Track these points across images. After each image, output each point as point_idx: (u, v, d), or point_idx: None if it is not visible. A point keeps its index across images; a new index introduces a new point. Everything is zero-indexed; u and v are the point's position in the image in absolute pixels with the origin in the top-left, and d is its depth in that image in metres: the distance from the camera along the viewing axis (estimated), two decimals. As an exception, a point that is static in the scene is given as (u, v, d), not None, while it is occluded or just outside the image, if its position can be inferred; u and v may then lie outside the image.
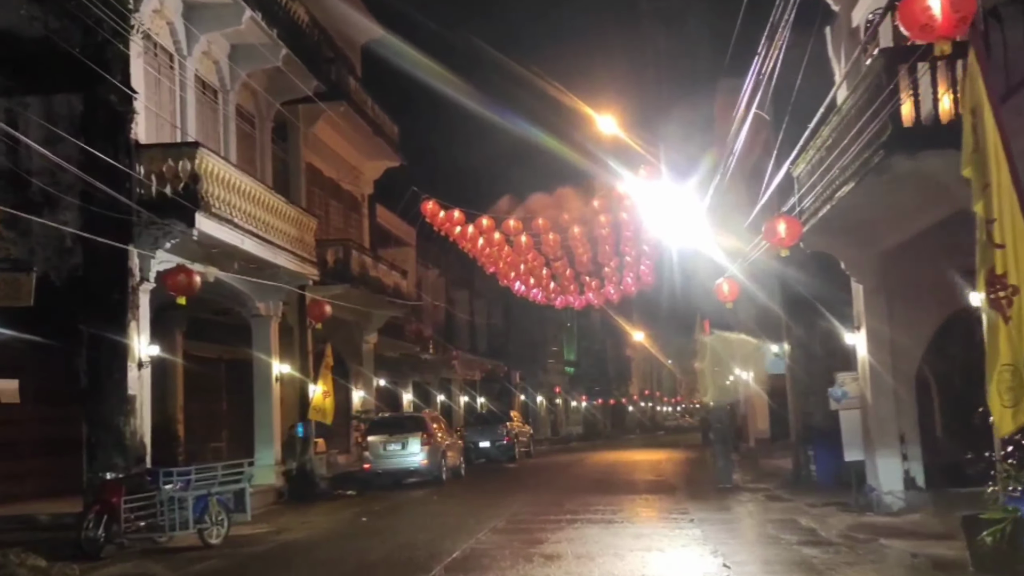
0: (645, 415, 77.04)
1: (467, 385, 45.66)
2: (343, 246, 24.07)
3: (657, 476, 25.22)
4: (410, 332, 29.52)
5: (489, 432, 36.19)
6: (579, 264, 27.70)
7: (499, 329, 50.77)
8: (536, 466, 32.77)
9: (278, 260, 19.82)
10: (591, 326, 68.88)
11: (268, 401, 21.59)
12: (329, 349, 23.69)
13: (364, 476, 24.29)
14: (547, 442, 51.29)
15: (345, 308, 25.68)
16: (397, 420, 25.12)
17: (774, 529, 13.74)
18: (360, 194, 29.02)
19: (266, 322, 21.61)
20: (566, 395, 61.97)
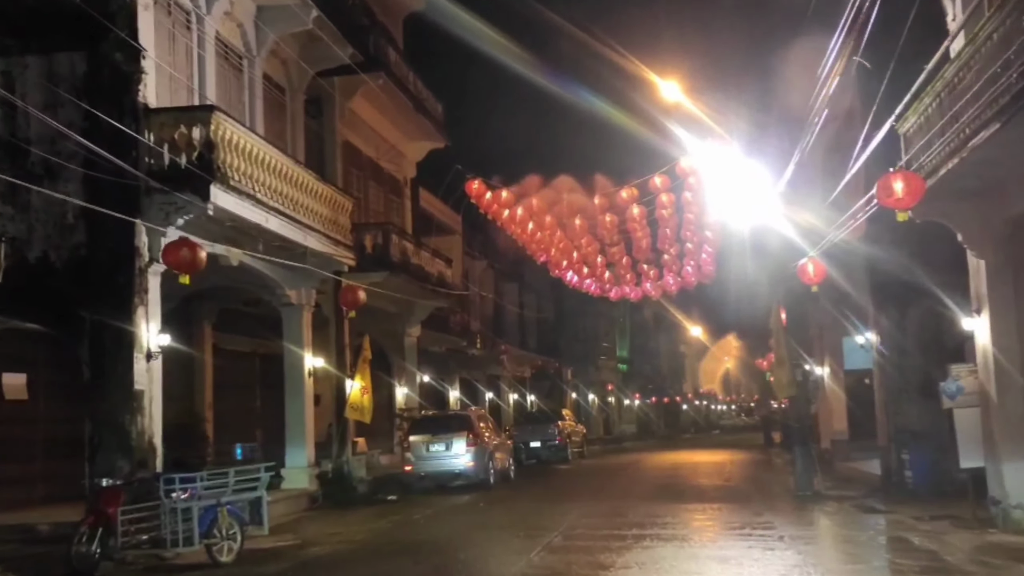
0: (699, 414, 74.36)
1: (516, 382, 43.59)
2: (382, 230, 22.10)
3: (725, 481, 22.89)
4: (455, 324, 27.46)
5: (540, 432, 34.08)
6: (637, 251, 25.40)
7: (550, 324, 48.61)
8: (590, 468, 30.56)
9: (308, 242, 17.86)
10: (643, 321, 66.44)
11: (300, 397, 19.68)
12: (367, 341, 21.72)
13: (406, 479, 22.28)
14: (600, 442, 49.04)
15: (385, 298, 23.71)
16: (441, 419, 23.09)
17: (886, 551, 11.43)
18: (402, 177, 27.04)
19: (298, 311, 19.69)
20: (619, 393, 59.60)
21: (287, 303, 19.56)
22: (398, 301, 25.11)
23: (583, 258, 26.79)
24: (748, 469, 27.54)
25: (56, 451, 17.41)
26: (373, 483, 22.44)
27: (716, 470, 27.23)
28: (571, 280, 29.93)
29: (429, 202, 29.47)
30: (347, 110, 22.29)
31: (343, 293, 18.36)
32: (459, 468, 21.96)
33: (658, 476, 24.60)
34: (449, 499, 20.32)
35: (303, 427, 19.58)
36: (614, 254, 25.38)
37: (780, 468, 27.11)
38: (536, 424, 34.72)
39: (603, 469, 29.10)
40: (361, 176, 24.08)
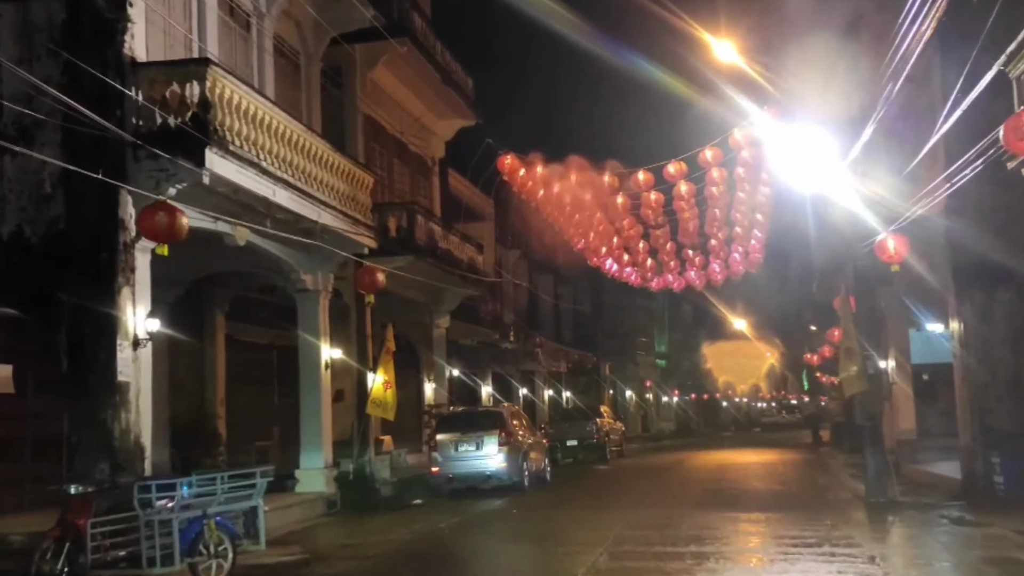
0: (739, 411, 71.94)
1: (552, 378, 41.63)
2: (407, 210, 20.22)
3: (781, 485, 20.79)
4: (486, 315, 25.53)
5: (577, 430, 32.12)
6: (683, 234, 23.34)
7: (586, 318, 46.57)
8: (631, 469, 28.53)
9: (323, 220, 16.01)
10: (682, 315, 64.20)
11: (316, 392, 17.86)
12: (391, 331, 19.84)
13: (433, 481, 20.40)
14: (638, 440, 46.96)
15: (411, 285, 21.85)
16: (471, 416, 21.17)
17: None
18: (430, 157, 25.16)
19: (314, 298, 17.87)
20: (657, 389, 57.41)
21: (302, 288, 17.75)
22: (425, 289, 23.24)
23: (624, 243, 24.79)
24: (802, 471, 25.39)
25: (47, 450, 15.64)
26: (398, 485, 20.62)
27: (767, 472, 25.11)
28: (610, 269, 27.95)
29: (459, 185, 27.56)
30: (369, 81, 20.44)
31: (360, 275, 16.45)
32: (490, 470, 20.04)
33: (706, 479, 22.51)
34: (479, 504, 18.41)
35: (319, 425, 17.76)
36: (658, 238, 23.33)
37: (836, 469, 24.95)
38: (573, 422, 32.77)
39: (645, 470, 27.05)
40: (384, 154, 22.23)
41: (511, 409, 21.78)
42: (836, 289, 27.46)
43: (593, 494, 20.09)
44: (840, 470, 24.50)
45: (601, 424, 32.68)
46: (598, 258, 27.16)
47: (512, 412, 21.51)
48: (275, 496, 16.95)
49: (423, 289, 23.35)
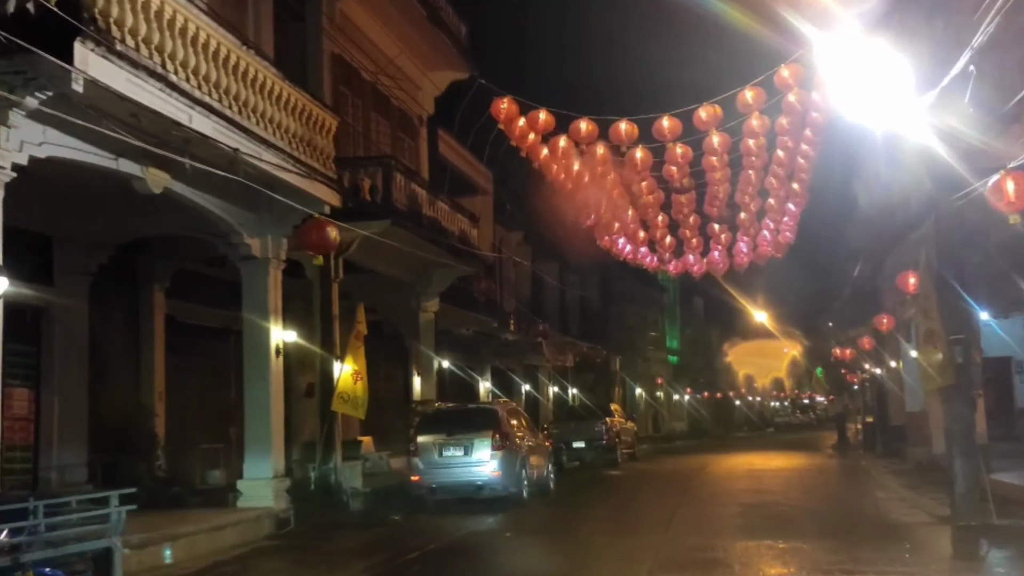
0: (753, 411, 68.16)
1: (557, 373, 37.97)
2: (382, 166, 16.58)
3: (831, 500, 17.19)
4: (479, 292, 21.78)
5: (585, 430, 28.50)
6: (711, 201, 19.67)
7: (594, 311, 42.84)
8: (646, 475, 24.87)
9: (265, 163, 12.40)
10: (694, 310, 60.49)
11: (263, 384, 14.28)
12: (361, 312, 16.28)
13: (414, 490, 16.81)
14: (649, 441, 43.26)
15: (391, 259, 18.31)
16: (459, 414, 17.52)
17: None
18: (417, 115, 21.53)
19: (261, 267, 14.29)
20: (669, 387, 53.67)
21: (247, 255, 14.16)
22: (409, 266, 19.64)
23: (641, 215, 21.12)
24: (845, 480, 21.80)
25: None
26: (372, 496, 17.02)
27: (806, 481, 21.48)
28: (622, 250, 24.30)
29: (452, 151, 23.89)
30: (338, 11, 16.82)
31: (306, 231, 12.70)
32: (482, 479, 16.42)
33: (739, 490, 18.80)
34: (466, 522, 14.78)
35: (267, 424, 14.15)
36: (681, 207, 19.62)
37: (881, 478, 21.35)
38: (580, 421, 29.14)
39: (663, 477, 23.36)
40: (359, 104, 18.61)
41: (508, 406, 18.13)
42: (888, 268, 23.81)
43: (607, 510, 16.43)
44: (886, 479, 20.83)
45: (611, 424, 29.04)
46: (609, 237, 23.52)
47: (509, 410, 17.88)
48: (211, 513, 13.40)
49: (407, 266, 19.76)
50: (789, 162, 18.35)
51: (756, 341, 55.62)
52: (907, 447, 26.99)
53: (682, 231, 22.18)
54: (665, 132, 15.81)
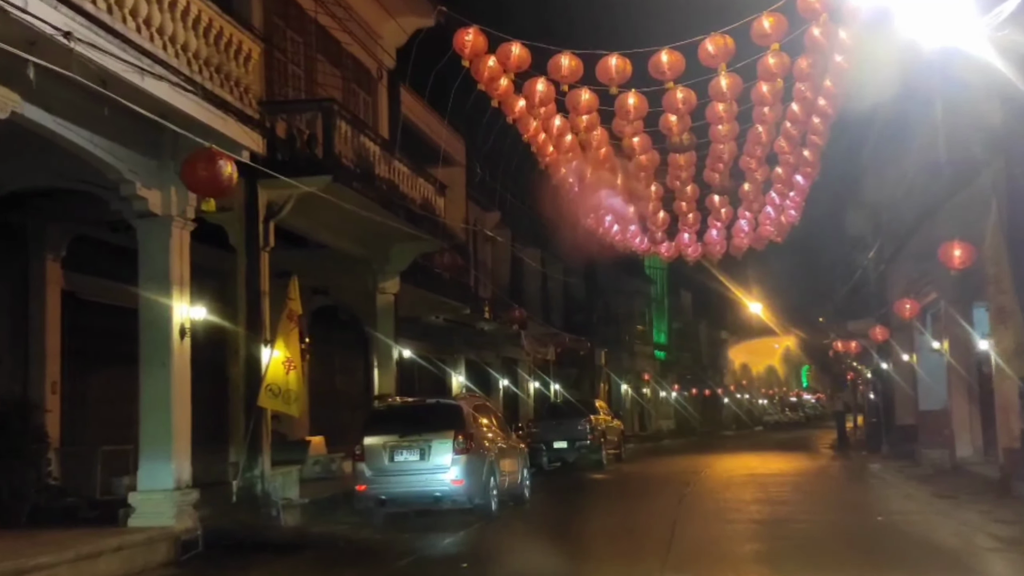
0: (742, 409, 65.43)
1: (538, 368, 35.07)
2: (322, 111, 13.58)
3: (861, 512, 14.28)
4: (443, 267, 18.65)
5: (568, 429, 25.66)
6: (713, 163, 16.87)
7: (578, 303, 39.88)
8: (635, 479, 22.05)
9: (148, 85, 9.43)
10: (682, 303, 57.70)
11: (162, 373, 11.33)
12: (294, 286, 13.34)
13: (360, 501, 13.88)
14: (635, 440, 40.42)
15: (339, 230, 15.41)
16: (415, 411, 14.52)
17: None
18: (375, 67, 18.54)
19: (161, 227, 11.35)
20: (655, 384, 50.82)
21: (144, 212, 11.21)
22: (363, 238, 16.73)
23: (630, 184, 18.26)
24: (858, 485, 19.10)
25: None
26: (311, 509, 14.09)
27: (816, 487, 18.71)
28: (609, 228, 21.53)
29: (417, 112, 20.87)
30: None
31: (190, 164, 9.55)
32: (441, 489, 13.51)
33: (745, 500, 15.92)
34: (417, 544, 11.89)
35: (166, 422, 11.21)
36: (679, 170, 16.73)
37: (898, 483, 18.73)
38: (562, 419, 26.27)
39: (655, 482, 20.48)
40: (300, 44, 15.62)
41: (474, 402, 15.15)
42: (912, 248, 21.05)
43: (593, 527, 13.51)
44: (907, 486, 18.07)
45: (596, 422, 26.18)
46: (595, 213, 20.74)
47: (476, 406, 14.94)
48: (89, 535, 10.46)
49: (360, 238, 16.85)
50: (804, 118, 15.52)
51: (750, 341, 52.93)
52: (920, 449, 24.24)
53: (677, 204, 19.36)
54: (664, 69, 12.89)
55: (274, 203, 13.35)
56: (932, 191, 18.53)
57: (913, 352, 25.03)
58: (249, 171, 12.91)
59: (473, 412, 14.47)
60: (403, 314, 21.25)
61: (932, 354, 24.15)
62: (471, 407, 14.57)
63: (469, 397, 14.97)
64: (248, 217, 13.21)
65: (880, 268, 28.95)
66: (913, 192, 19.98)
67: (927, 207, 18.52)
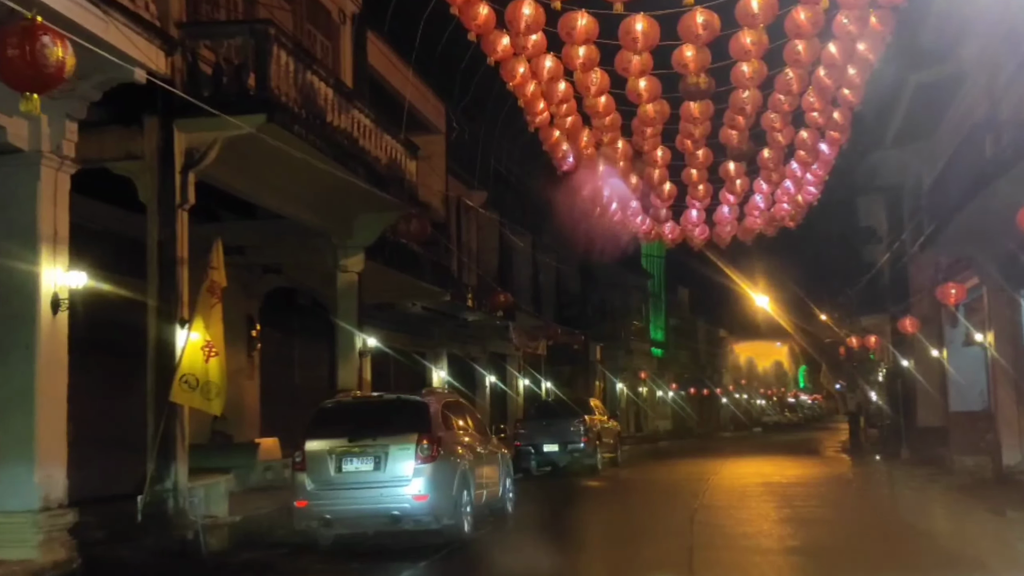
0: (739, 409, 62.74)
1: (528, 364, 32.32)
2: (253, 36, 10.74)
3: (924, 545, 11.47)
4: (406, 235, 15.79)
5: (559, 430, 22.96)
6: (733, 117, 14.16)
7: (572, 294, 37.07)
8: (635, 488, 19.35)
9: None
10: (679, 299, 54.98)
11: (24, 357, 8.55)
12: (217, 251, 10.55)
13: (300, 520, 11.09)
14: (631, 441, 37.68)
15: (281, 186, 12.65)
16: (370, 410, 11.70)
17: None
18: (338, 9, 15.72)
19: (26, 167, 8.56)
20: (652, 382, 48.05)
21: (2, 145, 8.40)
22: (317, 203, 13.96)
23: (636, 145, 15.51)
24: (901, 500, 16.26)
25: None
26: (243, 529, 11.34)
27: (849, 500, 16.03)
28: (608, 206, 18.92)
29: (387, 66, 18.02)
30: None
31: (1, 39, 6.78)
32: (401, 506, 10.76)
33: (770, 518, 13.17)
34: None
35: (29, 424, 8.44)
36: (692, 126, 13.96)
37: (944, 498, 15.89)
38: (553, 419, 23.53)
39: (658, 492, 17.74)
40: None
41: (444, 399, 12.32)
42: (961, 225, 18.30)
43: (589, 556, 10.71)
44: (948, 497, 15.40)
45: (591, 423, 23.43)
46: (592, 185, 18.11)
47: (447, 404, 12.15)
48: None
49: (315, 206, 14.09)
50: (842, 63, 12.85)
51: (751, 342, 50.31)
52: (952, 455, 21.56)
53: (687, 172, 16.59)
54: (685, 11, 10.25)
55: (195, 149, 10.59)
56: (979, 164, 15.86)
57: (943, 347, 22.36)
58: (164, 109, 10.23)
59: (443, 411, 11.69)
60: (374, 299, 18.53)
61: (966, 349, 21.51)
62: (440, 405, 11.78)
63: (439, 393, 12.21)
64: (162, 166, 10.45)
65: (901, 259, 26.28)
66: (957, 165, 17.27)
67: (977, 179, 15.81)
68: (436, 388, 12.69)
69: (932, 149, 22.47)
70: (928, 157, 23.11)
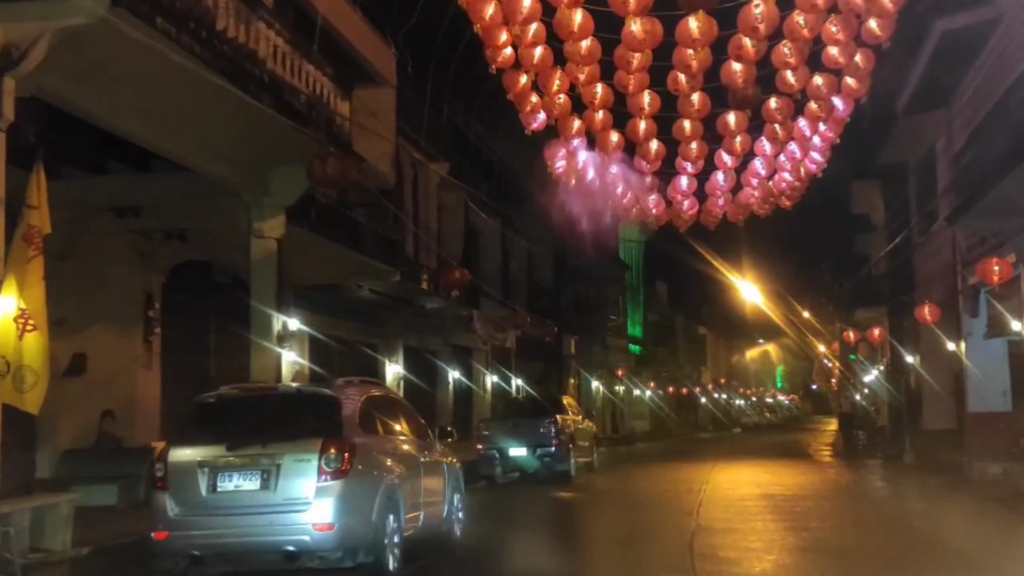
0: (718, 409, 60.03)
1: (497, 361, 29.37)
2: None
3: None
4: (323, 179, 12.66)
5: (528, 431, 20.10)
6: (745, 30, 11.20)
7: (544, 289, 34.08)
8: (614, 500, 16.45)
9: None
10: (657, 294, 52.16)
11: None
12: (36, 180, 7.48)
13: (161, 555, 8.05)
14: (607, 442, 34.85)
15: (152, 111, 9.64)
16: (257, 408, 8.64)
17: None
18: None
19: None
20: (630, 381, 45.16)
21: None
22: (218, 145, 10.92)
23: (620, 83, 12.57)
24: (930, 512, 13.41)
25: None
26: (89, 566, 8.30)
27: (873, 516, 13.18)
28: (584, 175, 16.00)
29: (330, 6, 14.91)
30: None
31: None
32: (296, 538, 7.77)
33: (790, 544, 10.27)
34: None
35: None
36: (691, 50, 11.04)
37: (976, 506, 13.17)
38: (522, 419, 20.64)
39: (643, 507, 14.80)
40: None
41: (366, 392, 9.24)
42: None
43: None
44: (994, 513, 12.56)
45: (563, 424, 20.52)
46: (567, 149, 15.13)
47: (371, 400, 9.11)
48: None
49: (218, 150, 11.06)
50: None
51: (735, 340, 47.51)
52: (971, 461, 18.87)
53: (678, 125, 13.64)
54: None
55: (13, 46, 7.56)
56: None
57: (960, 339, 19.63)
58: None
59: (363, 409, 8.69)
60: (310, 279, 15.57)
61: (987, 342, 18.82)
62: (360, 401, 8.77)
63: (359, 385, 9.21)
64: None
65: (907, 245, 23.59)
66: (994, 125, 14.55)
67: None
68: (357, 379, 9.63)
69: (951, 115, 19.78)
70: (945, 125, 20.41)
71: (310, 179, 10.48)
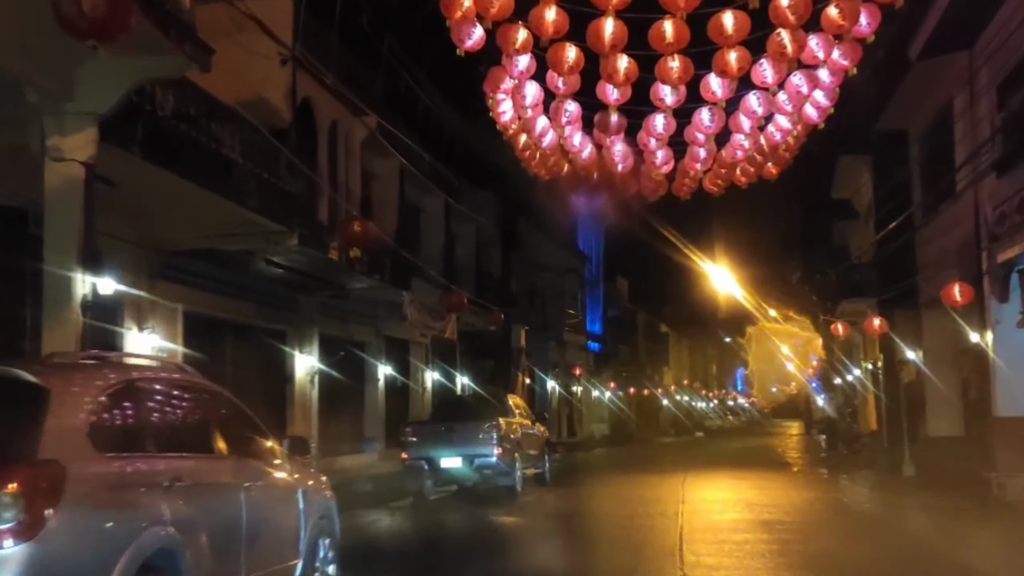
0: (681, 411, 56.57)
1: (440, 357, 25.49)
2: None
3: None
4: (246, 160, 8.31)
5: (464, 437, 16.38)
6: None
7: (495, 280, 30.16)
8: (571, 526, 12.58)
9: None
10: (618, 289, 48.52)
11: None
12: None
13: None
14: (562, 447, 31.13)
15: None
16: None
17: None
18: None
19: None
20: (588, 381, 41.42)
21: None
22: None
23: None
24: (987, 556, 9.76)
25: None
26: None
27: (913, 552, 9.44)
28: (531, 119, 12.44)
29: None
30: None
31: None
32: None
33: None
34: None
35: None
36: None
37: None
38: (457, 423, 16.80)
39: (608, 537, 10.98)
40: None
41: (116, 378, 5.14)
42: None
43: None
44: None
45: (507, 428, 16.73)
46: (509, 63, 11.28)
47: (122, 392, 5.11)
48: None
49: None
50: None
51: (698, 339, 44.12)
52: (1000, 477, 15.32)
53: (657, 27, 9.86)
54: None
55: None
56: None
57: (986, 329, 16.10)
58: None
59: (103, 409, 4.75)
60: (176, 241, 11.64)
61: (1020, 332, 15.34)
62: (100, 393, 4.83)
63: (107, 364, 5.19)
64: None
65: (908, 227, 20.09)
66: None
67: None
68: (103, 352, 5.64)
69: (974, 60, 16.32)
70: (963, 78, 16.96)
71: (59, 22, 6.45)
